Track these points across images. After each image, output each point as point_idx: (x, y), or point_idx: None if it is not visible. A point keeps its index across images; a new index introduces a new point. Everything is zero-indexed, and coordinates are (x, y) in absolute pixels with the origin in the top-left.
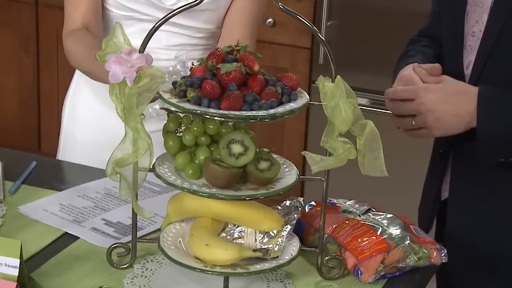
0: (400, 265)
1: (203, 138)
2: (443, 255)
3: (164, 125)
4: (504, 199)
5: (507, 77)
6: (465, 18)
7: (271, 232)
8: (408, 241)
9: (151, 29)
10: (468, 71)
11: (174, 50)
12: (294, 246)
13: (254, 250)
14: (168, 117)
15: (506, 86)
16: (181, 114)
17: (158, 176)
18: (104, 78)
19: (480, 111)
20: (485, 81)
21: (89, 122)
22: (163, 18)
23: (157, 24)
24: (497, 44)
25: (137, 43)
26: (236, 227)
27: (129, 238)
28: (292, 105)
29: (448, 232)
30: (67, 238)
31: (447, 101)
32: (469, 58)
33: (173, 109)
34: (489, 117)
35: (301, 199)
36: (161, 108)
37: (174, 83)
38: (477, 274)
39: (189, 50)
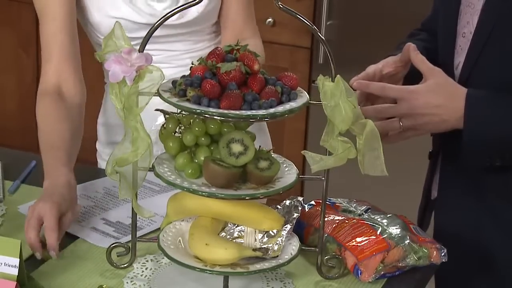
0: (400, 264)
1: (203, 139)
2: (443, 254)
3: (162, 126)
4: (490, 200)
5: (495, 80)
6: (458, 18)
7: (271, 232)
8: (408, 241)
9: (149, 30)
10: (457, 72)
11: (196, 51)
12: (294, 245)
13: (254, 250)
14: (165, 118)
15: (494, 89)
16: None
17: (157, 175)
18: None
19: (467, 115)
20: (473, 83)
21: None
22: (161, 18)
23: (156, 25)
24: (486, 47)
25: (160, 65)
26: (236, 227)
27: (128, 237)
28: (292, 104)
29: (437, 231)
30: (66, 238)
31: (438, 106)
32: (459, 59)
33: (169, 110)
34: (476, 121)
35: (301, 198)
36: (156, 110)
37: (174, 82)
38: (467, 274)
39: (209, 46)
